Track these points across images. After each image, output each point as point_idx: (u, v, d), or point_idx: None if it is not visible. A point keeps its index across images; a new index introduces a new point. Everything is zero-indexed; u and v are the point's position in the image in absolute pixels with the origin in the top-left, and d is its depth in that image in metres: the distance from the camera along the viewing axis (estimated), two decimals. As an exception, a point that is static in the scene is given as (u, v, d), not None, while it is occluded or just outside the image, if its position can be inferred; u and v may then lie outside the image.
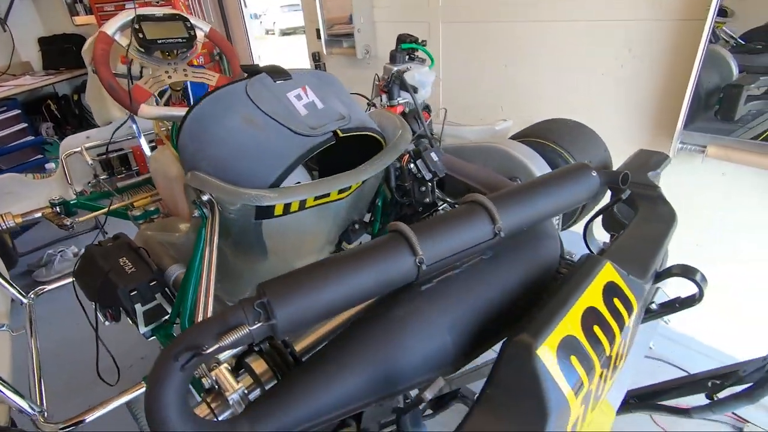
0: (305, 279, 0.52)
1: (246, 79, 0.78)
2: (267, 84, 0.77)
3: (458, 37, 2.16)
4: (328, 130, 0.76)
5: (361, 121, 0.82)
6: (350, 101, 0.87)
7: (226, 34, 3.98)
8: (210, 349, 0.46)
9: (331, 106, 0.80)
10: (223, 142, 0.71)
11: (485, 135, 1.38)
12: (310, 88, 0.81)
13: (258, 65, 0.83)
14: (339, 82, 0.92)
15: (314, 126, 0.75)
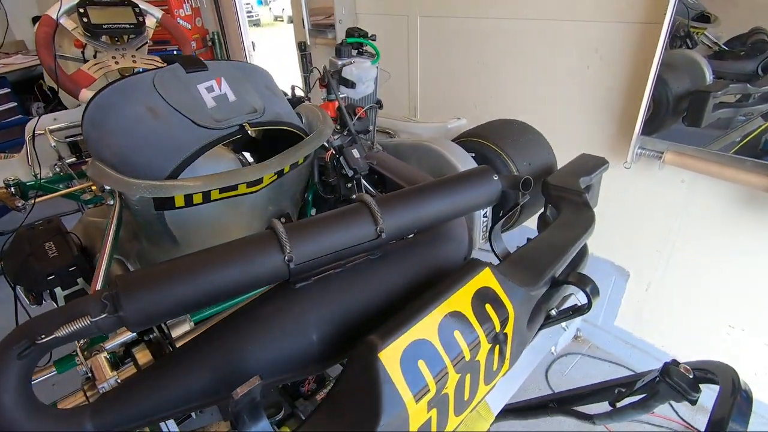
0: (161, 273, 0.52)
1: (160, 68, 0.78)
2: (178, 75, 0.77)
3: (435, 31, 2.14)
4: (234, 124, 0.76)
5: (276, 115, 0.82)
6: (271, 95, 0.87)
7: (219, 20, 3.96)
8: (45, 339, 0.47)
9: (245, 99, 0.80)
10: (124, 131, 0.71)
11: (437, 132, 1.37)
12: (225, 80, 0.81)
13: (179, 56, 0.83)
14: (266, 76, 0.92)
15: (219, 119, 0.75)
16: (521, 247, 0.83)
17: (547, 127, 1.22)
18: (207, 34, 4.04)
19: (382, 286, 0.66)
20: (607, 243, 1.84)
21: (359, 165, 0.90)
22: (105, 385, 0.60)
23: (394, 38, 2.36)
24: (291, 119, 0.86)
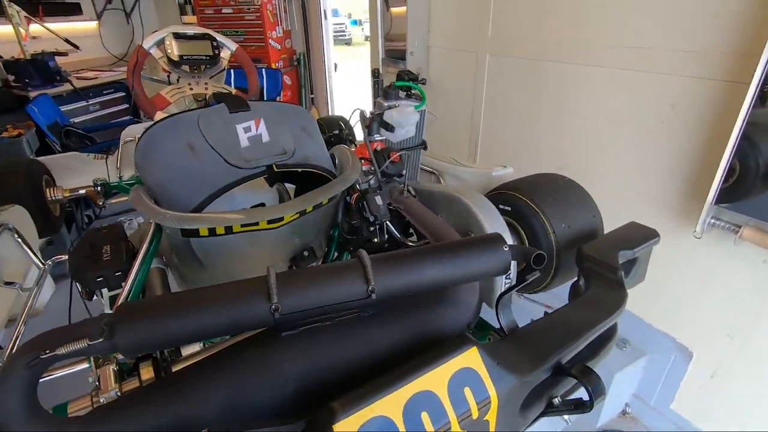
0: (156, 308, 0.57)
1: (207, 108, 0.86)
2: (222, 114, 0.84)
3: (503, 71, 2.10)
4: (262, 164, 0.81)
5: (305, 158, 0.86)
6: (305, 137, 0.91)
7: (306, 42, 4.24)
8: (47, 355, 0.53)
9: (278, 140, 0.85)
10: (165, 163, 0.79)
11: (481, 179, 1.34)
12: (264, 121, 0.87)
13: (228, 95, 0.90)
14: (306, 117, 0.97)
15: (249, 158, 0.80)
16: (534, 321, 0.78)
17: (606, 181, 1.14)
18: (294, 54, 4.34)
19: (369, 346, 0.65)
20: (670, 316, 1.65)
21: (380, 211, 0.90)
22: (108, 395, 0.66)
23: (461, 74, 2.36)
24: (319, 161, 0.90)
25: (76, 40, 3.72)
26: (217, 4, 3.91)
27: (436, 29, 2.47)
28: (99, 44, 4.19)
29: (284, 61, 4.19)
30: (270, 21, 3.87)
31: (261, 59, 4.01)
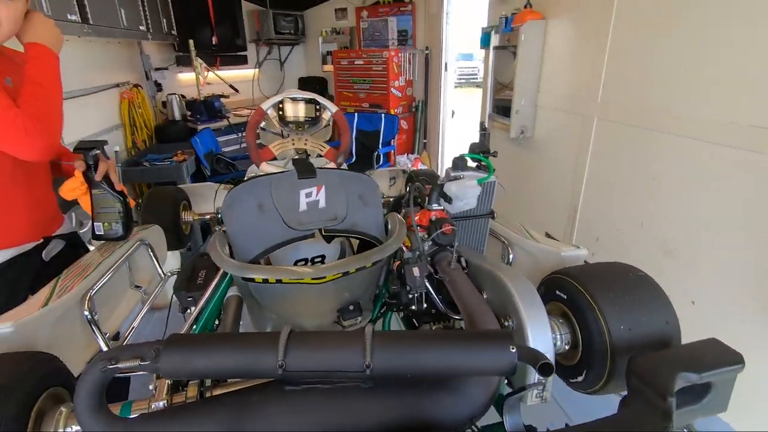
0: (193, 345, 0.70)
1: (281, 173, 1.02)
2: (291, 179, 0.99)
3: (611, 137, 1.97)
4: (313, 227, 0.92)
5: (353, 224, 0.95)
6: (359, 205, 1.01)
7: (425, 90, 4.49)
8: (110, 367, 0.69)
9: (331, 207, 0.96)
10: (239, 218, 0.96)
11: (548, 256, 1.28)
12: (325, 188, 1.00)
13: (300, 161, 1.06)
14: (367, 185, 1.07)
15: (303, 222, 0.92)
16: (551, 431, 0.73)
17: (712, 272, 0.99)
18: (413, 102, 4.62)
19: (362, 417, 0.69)
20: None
21: (415, 282, 0.94)
22: (157, 404, 0.81)
23: (566, 137, 2.26)
24: (367, 227, 0.98)
25: (239, 84, 4.53)
26: (351, 56, 4.41)
27: (545, 89, 2.43)
28: (256, 87, 5.02)
29: (403, 108, 4.48)
30: (394, 72, 4.21)
31: (381, 105, 4.37)
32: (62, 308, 1.01)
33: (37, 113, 0.92)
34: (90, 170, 1.09)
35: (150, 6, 3.02)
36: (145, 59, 3.84)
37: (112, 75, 3.32)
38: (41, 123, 0.92)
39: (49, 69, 1.01)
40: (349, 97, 4.58)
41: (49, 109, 0.96)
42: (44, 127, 0.92)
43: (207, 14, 4.14)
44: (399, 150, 4.53)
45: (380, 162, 4.23)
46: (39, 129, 0.91)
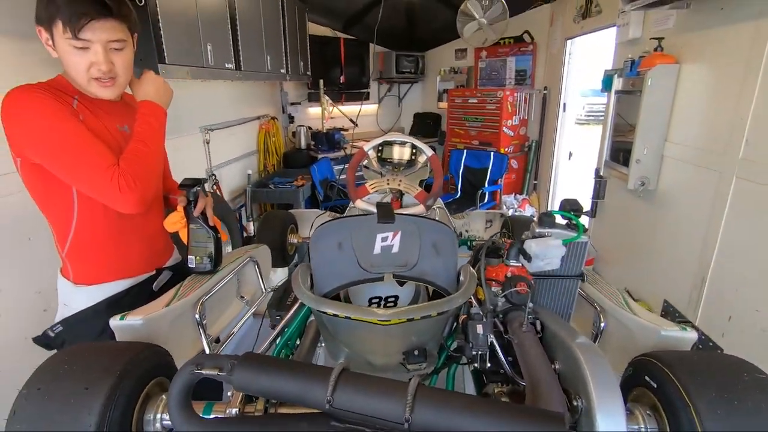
0: (262, 367, 0.80)
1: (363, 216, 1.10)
2: (371, 223, 1.06)
3: (754, 200, 1.67)
4: (384, 271, 0.97)
5: (422, 272, 0.98)
6: (432, 253, 1.03)
7: (540, 131, 4.32)
8: (195, 371, 0.82)
9: (404, 253, 1.01)
10: (321, 253, 1.06)
11: (648, 335, 1.13)
12: (401, 234, 1.04)
13: (382, 205, 1.13)
14: (443, 234, 1.08)
15: (374, 265, 0.98)
16: None
17: None
18: (526, 141, 4.48)
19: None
20: None
21: (477, 341, 0.92)
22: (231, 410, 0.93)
23: (695, 193, 1.98)
24: (436, 276, 1.00)
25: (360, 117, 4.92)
26: (466, 95, 4.49)
27: (674, 139, 2.17)
28: (374, 121, 5.39)
29: (515, 147, 4.38)
30: (507, 111, 4.16)
31: (492, 143, 4.33)
32: (179, 310, 1.21)
33: (134, 172, 0.98)
34: (190, 206, 1.18)
35: (291, 53, 3.50)
36: (284, 96, 4.43)
37: (256, 109, 3.90)
38: (136, 181, 0.97)
39: (155, 126, 1.09)
40: (460, 134, 4.64)
41: (146, 168, 1.02)
42: (138, 185, 0.98)
43: (339, 57, 4.63)
44: (507, 190, 4.40)
45: (485, 200, 4.16)
46: (133, 187, 0.97)
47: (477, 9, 3.69)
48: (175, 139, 2.65)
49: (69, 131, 0.94)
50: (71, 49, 0.93)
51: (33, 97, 0.93)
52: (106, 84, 1.01)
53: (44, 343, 1.12)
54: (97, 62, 0.96)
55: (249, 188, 3.39)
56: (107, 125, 1.06)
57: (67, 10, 0.89)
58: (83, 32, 0.91)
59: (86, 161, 0.95)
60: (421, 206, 1.58)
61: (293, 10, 3.56)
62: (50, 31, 0.93)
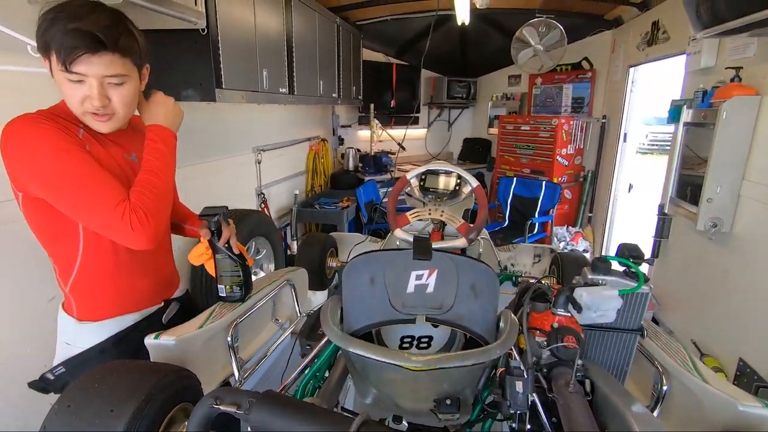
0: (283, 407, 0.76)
1: (398, 251, 1.05)
2: (406, 259, 1.01)
3: None
4: (413, 313, 0.91)
5: (457, 317, 0.90)
6: (469, 296, 0.95)
7: (597, 161, 4.10)
8: (214, 405, 0.79)
9: (439, 294, 0.94)
10: (352, 287, 1.01)
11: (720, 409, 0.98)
12: (438, 272, 0.98)
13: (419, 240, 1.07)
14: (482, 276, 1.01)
15: (406, 305, 0.92)
16: None
17: None
18: (582, 171, 4.26)
19: None
20: None
21: (515, 400, 0.83)
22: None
23: None
24: (473, 322, 0.92)
25: (408, 141, 4.93)
26: (518, 122, 4.37)
27: (754, 178, 1.95)
28: (422, 145, 5.38)
29: (569, 177, 4.18)
30: (562, 140, 3.99)
31: (544, 172, 4.15)
32: (212, 332, 1.21)
33: (145, 206, 0.90)
34: (213, 236, 1.15)
35: (344, 77, 3.59)
36: (335, 119, 4.54)
37: (307, 130, 4.01)
38: (148, 217, 0.90)
39: (164, 153, 1.00)
40: (510, 161, 4.50)
41: (157, 202, 0.93)
42: (150, 221, 0.90)
43: (391, 82, 4.70)
44: (558, 221, 4.19)
45: (534, 231, 3.98)
46: (145, 223, 0.89)
47: (533, 35, 3.61)
48: (229, 158, 2.77)
49: (75, 166, 0.87)
50: (65, 81, 0.87)
51: (36, 127, 0.86)
52: (101, 119, 0.93)
53: (41, 387, 1.04)
54: (91, 97, 0.89)
55: (295, 208, 3.46)
56: (114, 154, 1.00)
57: (59, 41, 0.83)
58: (75, 65, 0.85)
59: (94, 198, 0.87)
60: (463, 239, 1.50)
61: (348, 38, 3.67)
62: (48, 60, 0.87)
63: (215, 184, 2.65)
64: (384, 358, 0.86)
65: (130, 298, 1.10)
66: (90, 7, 0.88)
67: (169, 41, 1.84)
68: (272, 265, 2.96)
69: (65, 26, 0.83)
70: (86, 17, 0.85)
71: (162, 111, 1.04)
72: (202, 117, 2.47)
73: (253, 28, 2.17)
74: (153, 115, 1.03)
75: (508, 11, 3.83)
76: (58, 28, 0.83)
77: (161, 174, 0.97)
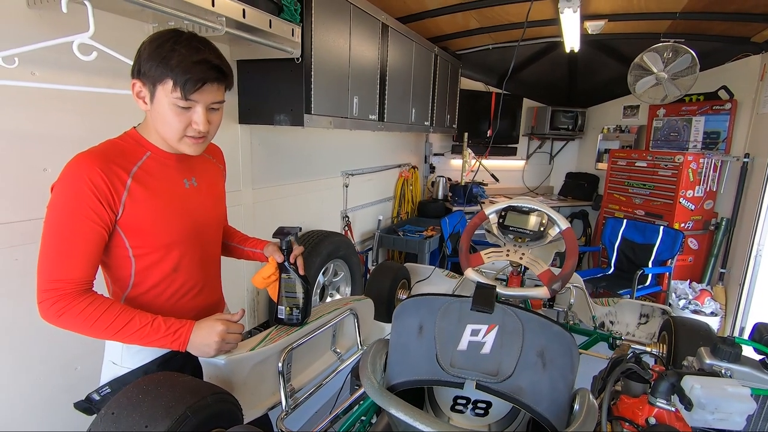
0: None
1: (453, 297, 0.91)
2: (463, 307, 0.87)
3: None
4: (463, 377, 0.76)
5: (516, 389, 0.73)
6: (535, 364, 0.78)
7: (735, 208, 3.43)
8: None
9: (496, 358, 0.78)
10: (399, 332, 0.90)
11: None
12: (498, 329, 0.82)
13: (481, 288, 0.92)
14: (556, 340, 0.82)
15: (455, 365, 0.77)
16: None
17: None
18: (713, 218, 3.61)
19: None
20: None
21: None
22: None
23: None
24: (534, 401, 0.74)
25: (504, 172, 4.68)
26: (633, 157, 3.88)
27: None
28: (519, 178, 5.07)
29: (695, 223, 3.56)
30: (689, 180, 3.43)
31: (662, 216, 3.60)
32: (263, 355, 1.19)
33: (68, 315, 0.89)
34: (283, 255, 1.14)
35: (438, 106, 3.55)
36: (428, 147, 4.51)
37: (398, 157, 4.03)
38: (59, 319, 0.89)
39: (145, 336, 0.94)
40: (620, 200, 4.00)
41: (79, 327, 0.91)
42: (57, 322, 0.90)
43: (488, 111, 4.54)
44: (679, 274, 3.56)
45: (647, 282, 3.43)
46: (52, 318, 0.89)
47: (656, 62, 3.19)
48: (317, 180, 2.87)
49: (64, 228, 0.88)
50: (174, 108, 0.91)
51: (75, 177, 0.88)
52: (198, 141, 0.98)
53: (85, 407, 1.04)
54: (197, 122, 0.94)
55: (378, 233, 3.44)
56: (173, 180, 1.03)
57: (183, 73, 0.88)
58: (194, 95, 0.90)
59: (48, 260, 0.88)
60: (545, 289, 1.30)
61: (446, 67, 3.63)
62: (151, 88, 0.91)
63: (302, 204, 2.75)
64: (421, 425, 0.73)
65: None
66: (202, 39, 0.94)
67: (266, 70, 1.97)
68: (349, 288, 2.96)
69: (190, 58, 0.88)
70: (204, 50, 0.91)
71: (205, 335, 0.98)
72: (295, 139, 2.60)
73: (347, 57, 2.24)
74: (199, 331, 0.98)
75: (626, 36, 3.47)
76: (181, 59, 0.88)
77: (108, 330, 0.91)
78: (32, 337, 1.41)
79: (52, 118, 1.38)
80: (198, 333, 0.98)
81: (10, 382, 1.38)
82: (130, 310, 0.93)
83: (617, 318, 2.03)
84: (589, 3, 2.81)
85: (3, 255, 1.31)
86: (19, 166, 1.31)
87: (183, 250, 1.05)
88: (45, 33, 1.24)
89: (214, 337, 0.98)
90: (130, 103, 1.00)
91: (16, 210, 1.32)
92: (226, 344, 1.01)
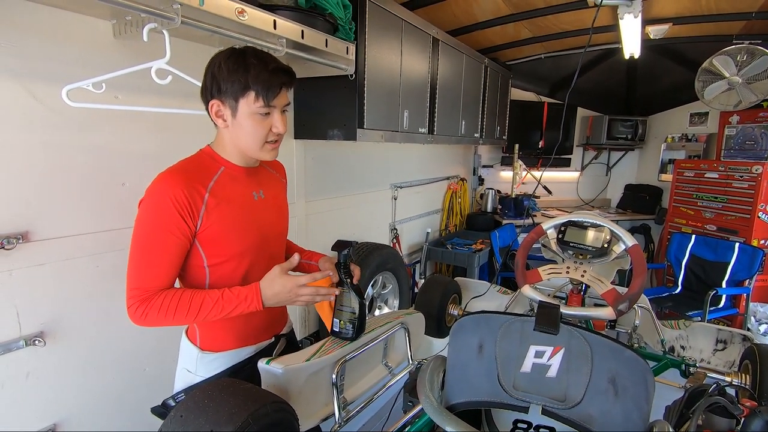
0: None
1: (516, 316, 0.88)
2: (525, 327, 0.83)
3: None
4: (528, 401, 0.72)
5: (586, 417, 0.69)
6: (606, 391, 0.73)
7: (826, 223, 3.07)
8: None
9: (564, 381, 0.74)
10: (458, 350, 0.87)
11: None
12: (565, 352, 0.78)
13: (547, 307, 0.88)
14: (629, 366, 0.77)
15: (519, 388, 0.74)
16: None
17: None
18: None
19: None
20: None
21: None
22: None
23: None
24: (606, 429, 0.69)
25: (557, 185, 4.51)
26: (701, 168, 3.61)
27: None
28: (573, 190, 4.86)
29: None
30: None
31: (738, 232, 3.30)
32: (317, 366, 1.21)
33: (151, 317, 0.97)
34: (340, 268, 1.14)
35: (488, 118, 3.49)
36: (477, 158, 4.44)
37: (446, 169, 4.00)
38: (145, 319, 0.97)
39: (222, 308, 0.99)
40: (687, 214, 3.72)
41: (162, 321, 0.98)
42: (143, 322, 0.98)
43: (540, 121, 4.41)
44: (759, 296, 3.24)
45: (720, 304, 3.14)
46: (140, 319, 0.97)
47: (728, 66, 2.97)
48: (367, 193, 2.90)
49: (150, 239, 0.96)
50: (257, 116, 0.99)
51: (161, 191, 0.95)
52: (276, 146, 1.07)
53: (161, 413, 1.10)
54: (277, 125, 1.01)
55: (426, 246, 3.42)
56: (245, 192, 1.09)
57: (263, 81, 0.96)
58: (274, 100, 0.98)
59: (136, 269, 0.96)
60: (609, 309, 1.22)
61: (496, 78, 3.58)
62: (233, 103, 0.98)
63: (351, 216, 2.79)
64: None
65: (248, 332, 1.17)
66: (262, 51, 1.02)
67: (321, 87, 2.04)
68: (397, 300, 2.95)
69: (266, 68, 0.97)
70: (272, 59, 1.00)
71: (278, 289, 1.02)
72: (345, 153, 2.65)
73: (398, 72, 2.27)
74: (270, 284, 1.02)
75: (692, 40, 3.26)
76: (258, 71, 0.96)
77: (189, 315, 0.98)
78: (106, 338, 1.52)
79: (129, 137, 1.50)
80: (265, 286, 1.01)
81: (85, 381, 1.49)
82: (198, 292, 0.99)
83: (689, 342, 1.86)
84: (651, 6, 2.67)
85: (86, 262, 1.43)
86: (102, 180, 1.44)
87: (252, 259, 1.09)
88: (128, 60, 1.36)
89: (279, 281, 1.01)
90: (196, 121, 1.08)
91: (99, 221, 1.44)
92: (299, 287, 1.03)
